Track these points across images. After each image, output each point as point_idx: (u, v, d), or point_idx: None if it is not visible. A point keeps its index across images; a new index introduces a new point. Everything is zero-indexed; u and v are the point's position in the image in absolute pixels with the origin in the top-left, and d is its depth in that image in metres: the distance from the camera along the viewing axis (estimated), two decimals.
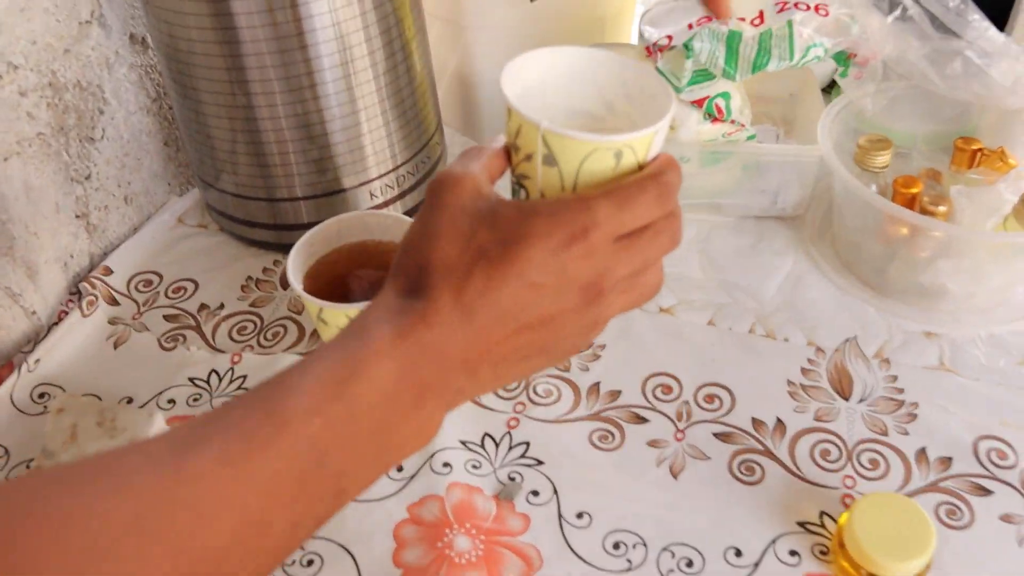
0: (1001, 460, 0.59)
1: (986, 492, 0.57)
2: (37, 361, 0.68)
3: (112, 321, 0.73)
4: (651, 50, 0.69)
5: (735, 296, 0.71)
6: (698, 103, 0.70)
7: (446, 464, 0.59)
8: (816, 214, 0.77)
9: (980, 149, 0.72)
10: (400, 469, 0.60)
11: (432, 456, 0.60)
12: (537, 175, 0.41)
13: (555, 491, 0.58)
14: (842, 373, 0.65)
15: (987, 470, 0.58)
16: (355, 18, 0.67)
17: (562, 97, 0.45)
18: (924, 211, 0.67)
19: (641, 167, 0.41)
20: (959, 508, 0.56)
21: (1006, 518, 0.56)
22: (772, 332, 0.68)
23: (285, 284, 0.75)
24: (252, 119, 0.69)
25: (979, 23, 0.65)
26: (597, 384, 0.64)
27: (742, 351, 0.67)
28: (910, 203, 0.68)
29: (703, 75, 0.68)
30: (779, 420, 0.62)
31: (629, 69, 0.44)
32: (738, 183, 0.76)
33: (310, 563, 0.55)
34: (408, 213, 0.78)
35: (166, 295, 0.75)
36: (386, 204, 0.76)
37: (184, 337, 0.71)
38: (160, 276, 0.77)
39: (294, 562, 0.55)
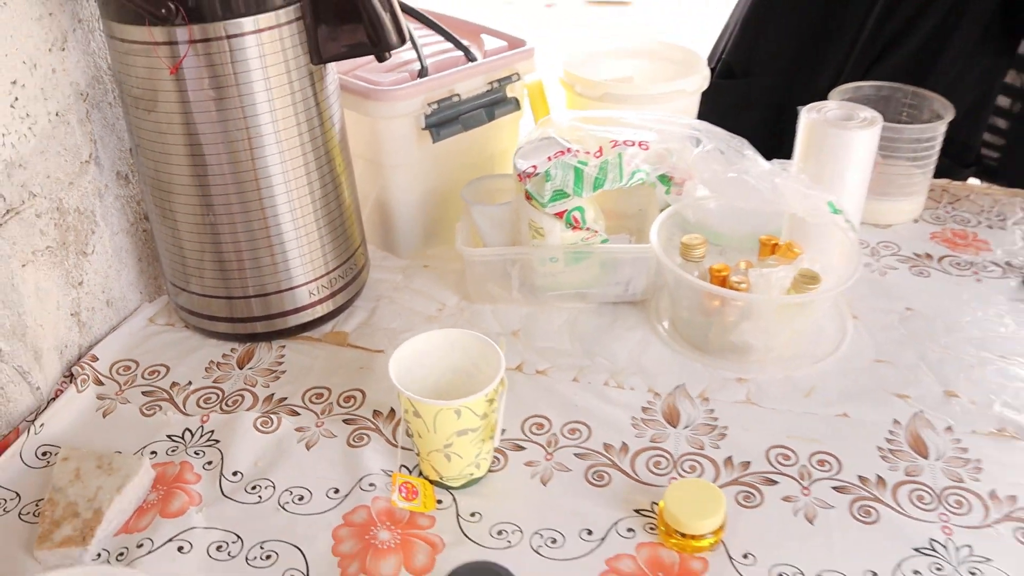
0: (785, 461, 0.80)
1: (773, 483, 0.78)
2: (42, 426, 0.85)
3: (100, 396, 0.90)
4: (521, 176, 0.92)
5: (595, 360, 0.92)
6: (559, 215, 0.93)
7: (372, 484, 0.78)
8: (657, 297, 1.00)
9: (776, 243, 0.96)
10: (337, 491, 0.78)
11: (360, 479, 0.78)
12: (412, 423, 0.71)
13: (454, 499, 0.77)
14: (672, 409, 0.86)
15: (775, 468, 0.79)
16: (297, 158, 0.89)
17: (445, 362, 0.77)
18: (730, 288, 0.90)
19: (485, 416, 0.71)
20: (753, 494, 0.77)
21: (786, 499, 0.76)
22: (621, 384, 0.89)
23: (241, 365, 0.94)
24: (217, 235, 0.90)
25: (752, 156, 0.91)
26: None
27: (597, 397, 0.87)
28: (721, 283, 0.91)
29: (560, 194, 0.91)
30: (624, 443, 0.82)
31: (476, 342, 0.76)
32: (597, 277, 0.99)
33: (268, 557, 0.72)
34: (337, 311, 0.98)
35: (143, 376, 0.93)
36: (321, 302, 0.97)
37: (160, 407, 0.88)
38: (137, 363, 0.95)
39: (256, 557, 0.72)
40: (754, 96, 1.26)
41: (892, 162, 1.11)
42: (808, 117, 0.99)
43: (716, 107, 1.27)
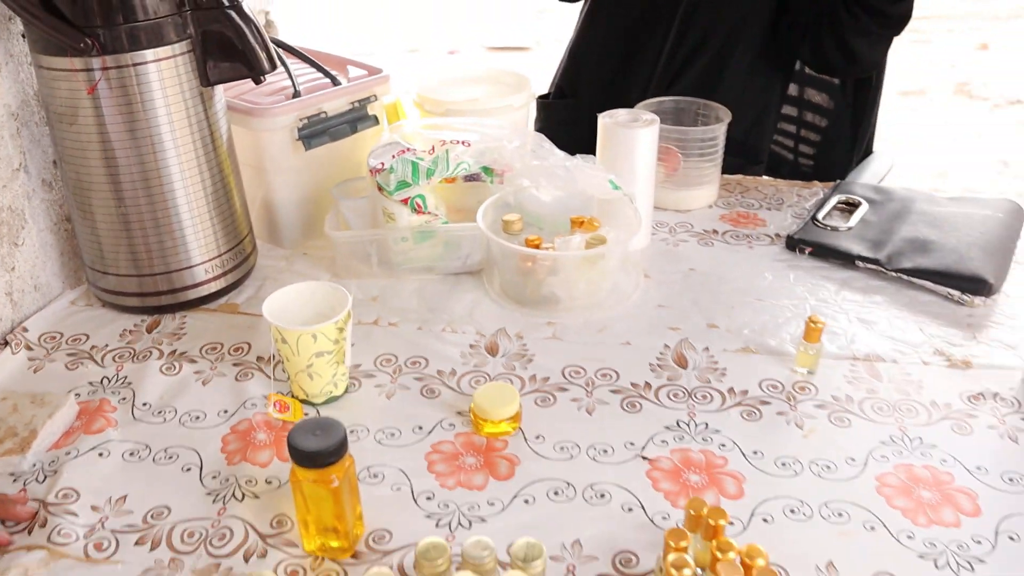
0: (576, 375, 1.04)
1: (565, 390, 1.02)
2: None
3: (31, 358, 1.10)
4: (373, 171, 1.16)
5: (436, 315, 1.16)
6: (404, 201, 1.17)
7: (253, 404, 1.00)
8: (489, 267, 1.24)
9: (583, 220, 1.22)
10: (226, 411, 0.99)
11: (244, 401, 1.00)
12: (281, 349, 0.93)
13: (317, 412, 0.99)
14: (493, 344, 1.10)
15: (567, 379, 1.03)
16: (192, 162, 1.11)
17: (309, 306, 1.00)
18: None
19: (336, 342, 0.92)
20: (549, 397, 1.00)
21: (574, 400, 1.00)
22: (456, 330, 1.13)
23: (150, 330, 1.15)
24: (128, 225, 1.11)
25: (549, 148, 1.16)
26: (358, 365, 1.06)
27: (436, 340, 1.11)
28: (534, 247, 1.15)
29: (403, 184, 1.15)
30: (453, 369, 1.05)
31: (331, 290, 0.99)
32: (442, 253, 1.23)
33: (171, 458, 0.93)
34: (230, 288, 1.20)
35: (66, 343, 1.13)
36: (215, 279, 1.18)
37: (82, 363, 1.09)
38: (61, 333, 1.15)
39: (161, 458, 0.93)
40: (580, 113, 1.53)
41: (688, 159, 1.38)
42: (603, 122, 1.25)
43: (549, 123, 1.54)
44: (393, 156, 1.15)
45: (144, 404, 1.01)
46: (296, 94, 1.23)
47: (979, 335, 1.13)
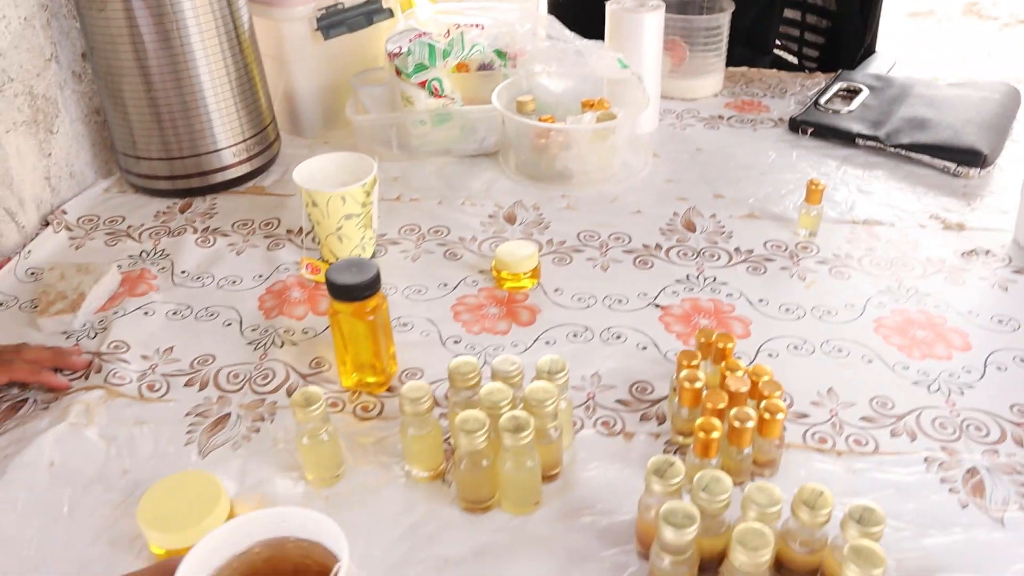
0: (590, 239, 1.10)
1: (580, 251, 1.07)
2: (29, 252, 1.10)
3: (71, 237, 1.16)
4: (391, 56, 1.21)
5: (455, 191, 1.21)
6: (421, 84, 1.21)
7: (287, 268, 1.06)
8: (504, 149, 1.29)
9: (593, 102, 1.26)
10: (260, 276, 1.05)
11: (277, 267, 1.06)
12: (312, 213, 0.98)
13: None
14: (511, 215, 1.15)
15: (582, 242, 1.09)
16: (216, 48, 1.16)
17: (336, 175, 1.04)
18: (548, 129, 1.19)
19: (364, 205, 0.96)
20: (565, 258, 1.06)
21: (589, 259, 1.06)
22: (475, 203, 1.18)
23: (182, 211, 1.20)
24: (157, 111, 1.16)
25: (559, 29, 1.20)
26: None
27: (456, 212, 1.16)
28: (544, 130, 1.20)
29: (420, 67, 1.20)
30: (473, 236, 1.11)
31: (357, 159, 1.03)
32: (458, 136, 1.28)
33: (212, 315, 0.99)
34: (256, 172, 1.25)
35: (104, 224, 1.19)
36: (241, 163, 1.23)
37: (120, 240, 1.15)
38: (98, 216, 1.21)
39: (202, 316, 0.99)
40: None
41: (693, 49, 1.42)
42: (610, 8, 1.29)
43: (567, 10, 1.57)
44: (410, 40, 1.19)
45: (183, 272, 1.07)
46: None
47: (973, 203, 1.18)
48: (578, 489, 0.76)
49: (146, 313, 1.00)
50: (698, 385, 0.76)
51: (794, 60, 1.80)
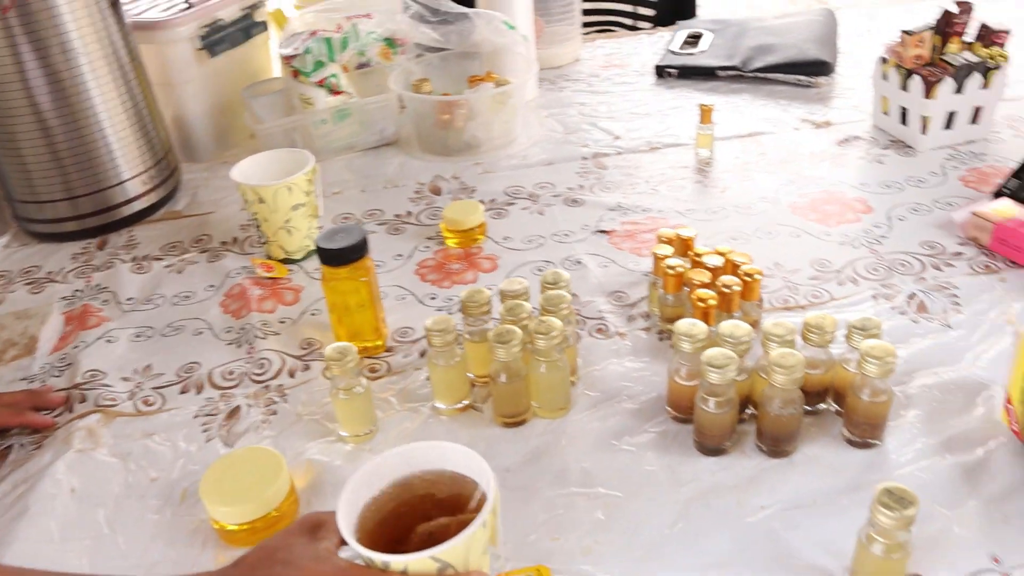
0: (519, 192, 1.16)
1: (513, 203, 1.14)
2: None
3: None
4: (288, 59, 1.24)
5: (373, 179, 1.25)
6: (320, 83, 1.25)
7: (238, 272, 1.06)
8: (406, 136, 1.34)
9: (480, 77, 1.33)
10: (212, 286, 1.05)
11: (228, 273, 1.06)
12: (258, 210, 0.99)
13: (300, 267, 1.07)
14: (435, 187, 1.20)
15: (512, 197, 1.16)
16: (110, 85, 1.14)
17: (272, 170, 1.01)
18: (452, 104, 1.25)
19: (308, 193, 0.97)
20: (502, 211, 1.12)
21: (523, 208, 1.13)
22: (396, 185, 1.23)
23: (101, 248, 1.18)
24: (56, 152, 1.13)
25: (446, 5, 1.27)
26: None
27: (378, 197, 1.20)
28: (447, 105, 1.26)
29: (319, 64, 1.23)
30: (408, 211, 1.15)
31: (292, 154, 1.04)
32: (359, 131, 1.32)
33: (177, 329, 0.99)
34: (164, 200, 1.24)
35: (19, 276, 1.14)
36: (148, 192, 1.22)
37: (45, 287, 1.11)
38: (10, 271, 1.16)
39: (168, 332, 0.99)
40: None
41: (549, 21, 1.52)
42: None
43: None
44: (304, 40, 1.22)
45: (129, 299, 1.05)
46: (189, 5, 1.28)
47: (830, 104, 1.34)
48: (597, 386, 0.82)
49: (108, 341, 0.98)
50: (680, 269, 0.84)
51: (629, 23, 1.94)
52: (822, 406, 0.77)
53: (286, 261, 1.07)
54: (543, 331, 0.74)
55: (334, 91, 1.26)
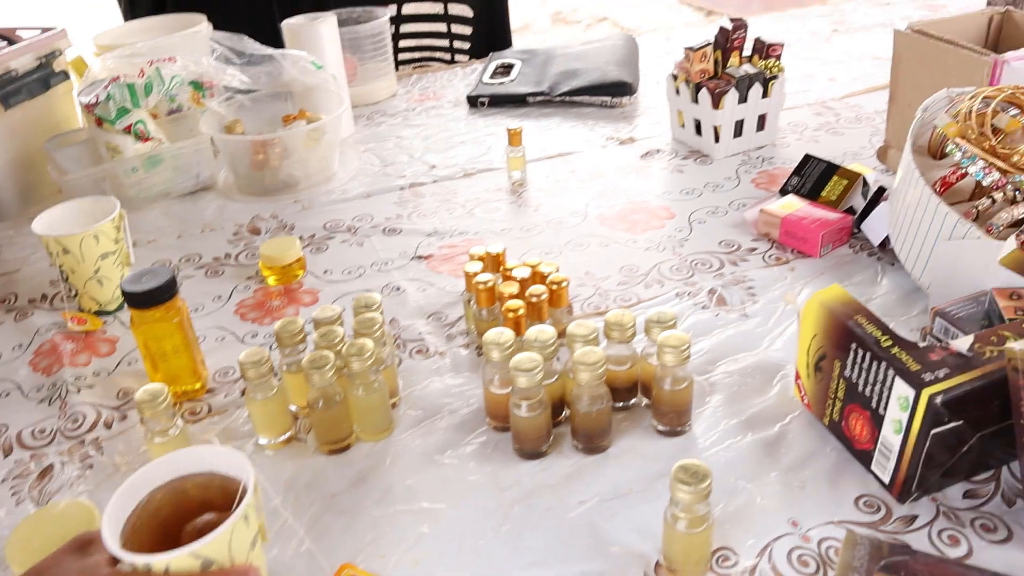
0: (337, 225, 1.17)
1: (332, 237, 1.15)
2: None
3: None
4: (89, 107, 1.20)
5: (191, 225, 1.23)
6: (127, 129, 1.22)
7: (48, 330, 1.02)
8: (221, 176, 1.33)
9: (293, 116, 1.34)
10: (20, 345, 1.01)
11: (35, 332, 1.02)
12: (64, 262, 0.96)
13: (114, 317, 1.04)
14: (254, 228, 1.20)
15: (331, 231, 1.16)
16: None
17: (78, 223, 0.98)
18: (266, 143, 1.25)
19: (117, 241, 0.95)
20: (322, 246, 1.13)
21: (344, 241, 1.14)
22: (214, 229, 1.21)
23: None
24: None
25: (253, 45, 1.28)
26: None
27: (199, 240, 1.19)
28: (261, 145, 1.26)
29: (123, 110, 1.21)
30: (227, 253, 1.14)
31: (96, 202, 1.00)
32: (173, 176, 1.30)
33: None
34: None
35: None
36: None
37: None
38: None
39: None
40: None
41: (362, 59, 1.55)
42: (286, 27, 1.38)
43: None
44: (105, 87, 1.20)
45: None
46: None
47: (633, 122, 1.42)
48: (419, 404, 0.84)
49: None
50: (490, 283, 0.88)
51: (448, 57, 1.99)
52: (633, 401, 0.82)
53: (100, 313, 1.04)
54: (356, 353, 0.75)
55: (142, 137, 1.24)
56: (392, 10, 1.58)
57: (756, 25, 1.34)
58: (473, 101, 1.52)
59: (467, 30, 1.97)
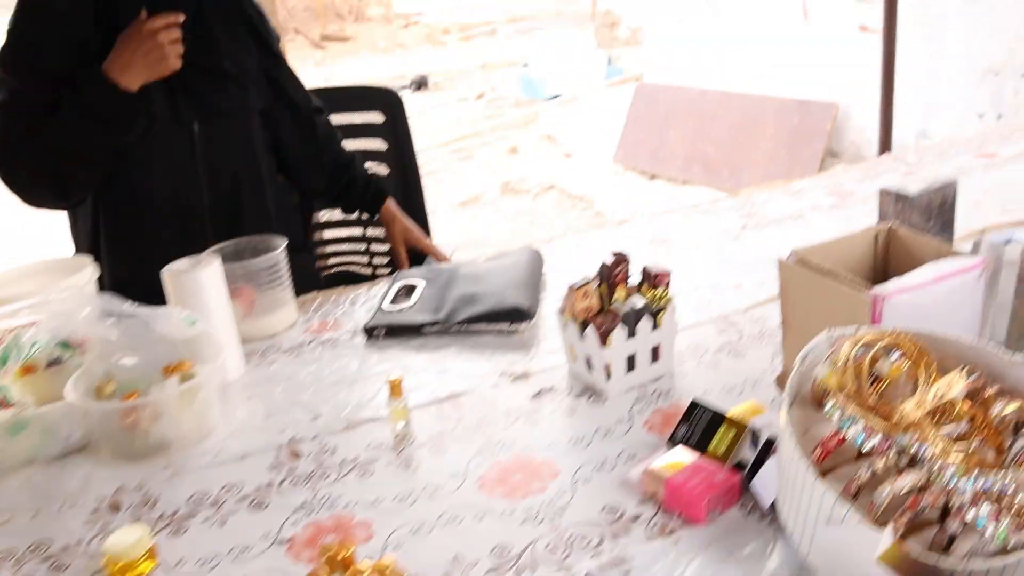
0: (203, 500, 1.10)
1: (194, 515, 1.07)
2: None
3: None
4: None
5: (51, 500, 1.15)
6: None
7: None
8: (94, 437, 1.25)
9: (174, 365, 1.28)
10: None
11: None
12: None
13: None
14: (115, 503, 1.12)
15: (194, 506, 1.08)
16: None
17: None
18: (135, 407, 1.19)
19: None
20: (181, 527, 1.05)
21: (205, 520, 1.06)
22: (74, 504, 1.13)
23: None
24: None
25: (125, 306, 1.23)
26: None
27: (55, 520, 1.10)
28: (130, 409, 1.20)
29: None
30: (79, 539, 1.06)
31: None
32: (40, 441, 1.22)
33: None
34: None
35: None
36: None
37: None
38: None
39: None
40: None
41: (260, 289, 1.51)
42: (166, 275, 1.34)
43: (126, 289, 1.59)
44: None
45: None
46: None
47: (531, 351, 1.37)
48: None
49: None
50: None
51: (369, 272, 1.97)
52: None
53: None
54: None
55: (3, 405, 1.17)
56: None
57: (640, 254, 1.31)
58: (370, 332, 1.47)
59: (385, 247, 1.96)
